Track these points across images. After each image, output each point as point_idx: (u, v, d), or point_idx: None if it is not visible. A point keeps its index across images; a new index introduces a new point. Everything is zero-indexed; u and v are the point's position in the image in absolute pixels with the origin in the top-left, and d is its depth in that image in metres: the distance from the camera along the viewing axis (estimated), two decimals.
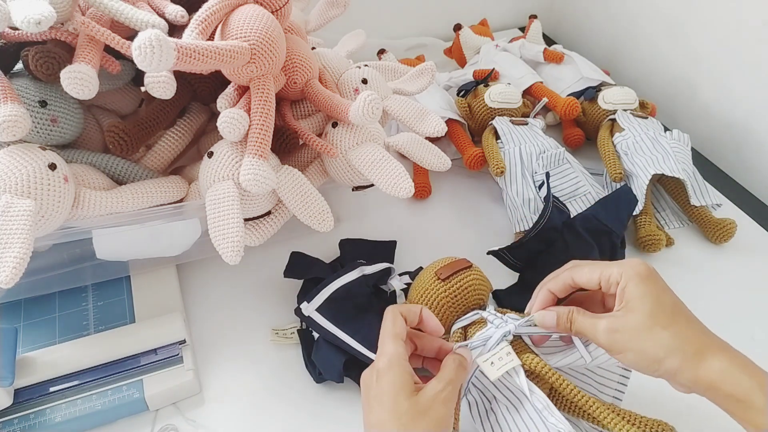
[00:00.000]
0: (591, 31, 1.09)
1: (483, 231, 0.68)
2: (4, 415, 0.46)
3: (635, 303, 0.38)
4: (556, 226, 0.60)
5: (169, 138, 0.58)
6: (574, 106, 0.78)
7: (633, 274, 0.39)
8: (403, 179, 0.51)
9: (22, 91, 0.48)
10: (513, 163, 0.69)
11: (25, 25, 0.41)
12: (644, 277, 0.39)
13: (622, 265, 0.40)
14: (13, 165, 0.43)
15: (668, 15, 0.92)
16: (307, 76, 0.56)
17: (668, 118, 0.93)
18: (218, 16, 0.49)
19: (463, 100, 0.80)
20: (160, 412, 0.50)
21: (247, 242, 0.53)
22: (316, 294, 0.53)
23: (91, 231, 0.49)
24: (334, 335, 0.51)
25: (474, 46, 0.97)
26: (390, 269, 0.58)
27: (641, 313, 0.38)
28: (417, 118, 0.60)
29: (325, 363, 0.51)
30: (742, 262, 0.68)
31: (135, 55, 0.38)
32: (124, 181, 0.53)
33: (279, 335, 0.56)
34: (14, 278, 0.39)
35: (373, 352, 0.51)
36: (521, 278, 0.63)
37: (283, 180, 0.52)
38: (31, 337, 0.53)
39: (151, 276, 0.59)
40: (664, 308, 0.38)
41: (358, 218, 0.70)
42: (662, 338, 0.37)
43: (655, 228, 0.67)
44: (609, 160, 0.70)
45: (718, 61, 0.85)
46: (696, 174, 0.69)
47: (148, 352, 0.51)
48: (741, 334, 0.59)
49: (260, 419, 0.50)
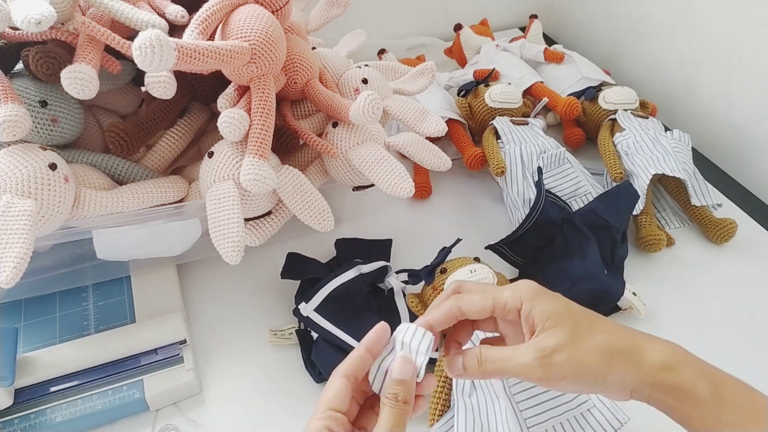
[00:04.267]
0: (591, 31, 1.09)
1: (483, 231, 0.68)
2: (5, 415, 0.46)
3: (553, 320, 0.34)
4: (555, 221, 0.60)
5: (170, 138, 0.58)
6: (575, 106, 0.78)
7: (532, 295, 0.35)
8: (404, 179, 0.51)
9: (23, 91, 0.48)
10: (513, 163, 0.69)
11: (25, 25, 0.41)
12: (543, 294, 0.36)
13: (514, 288, 0.36)
14: (14, 165, 0.43)
15: (668, 15, 0.92)
16: (308, 76, 0.56)
17: (669, 118, 0.92)
18: (218, 16, 0.49)
19: (463, 100, 0.81)
20: (161, 412, 0.50)
21: (248, 242, 0.53)
22: (314, 294, 0.53)
23: (91, 231, 0.49)
24: (334, 335, 0.51)
25: (474, 46, 0.97)
26: (387, 267, 0.58)
27: (566, 325, 0.34)
28: (417, 118, 0.60)
29: (325, 362, 0.51)
30: (742, 262, 0.68)
31: (135, 55, 0.38)
32: (124, 181, 0.53)
33: (277, 336, 0.56)
34: (15, 278, 0.39)
35: None
36: (521, 275, 0.63)
37: (284, 180, 0.52)
38: (32, 337, 0.53)
39: (152, 276, 0.59)
40: (581, 315, 0.35)
41: (358, 218, 0.70)
42: (597, 345, 0.33)
43: (656, 228, 0.67)
44: (609, 160, 0.70)
45: (719, 61, 0.85)
46: (696, 174, 0.69)
47: (148, 352, 0.51)
48: (741, 334, 0.59)
49: (260, 419, 0.50)
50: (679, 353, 0.34)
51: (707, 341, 0.48)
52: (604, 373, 0.33)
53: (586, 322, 0.35)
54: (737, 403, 0.33)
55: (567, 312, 0.35)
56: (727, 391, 0.33)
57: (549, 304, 0.35)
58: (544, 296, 0.36)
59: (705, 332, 0.59)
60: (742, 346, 0.58)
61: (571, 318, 0.34)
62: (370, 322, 0.53)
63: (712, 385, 0.33)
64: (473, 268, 0.53)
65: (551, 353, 0.33)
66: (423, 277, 0.55)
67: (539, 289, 0.36)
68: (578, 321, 0.35)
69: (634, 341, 0.34)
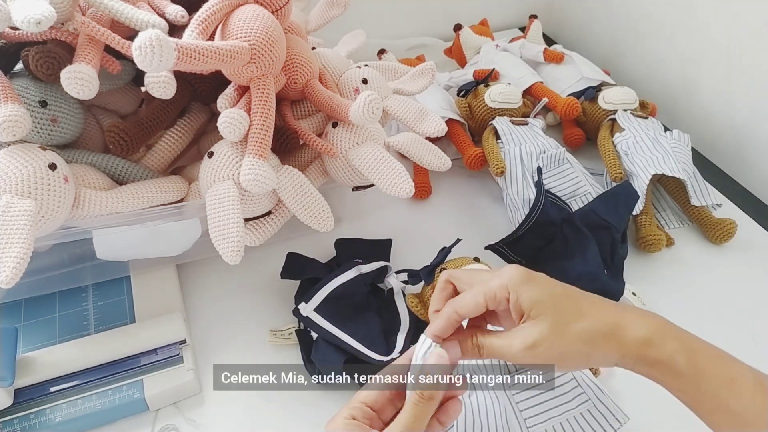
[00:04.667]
0: (591, 31, 1.09)
1: (483, 231, 0.68)
2: (5, 415, 0.46)
3: (537, 309, 0.35)
4: (555, 221, 0.60)
5: (169, 138, 0.58)
6: (575, 106, 0.78)
7: (518, 282, 0.36)
8: (404, 179, 0.51)
9: (23, 91, 0.48)
10: (513, 163, 0.69)
11: (25, 25, 0.41)
12: (528, 281, 0.36)
13: (500, 276, 0.37)
14: (14, 165, 0.43)
15: (668, 15, 0.92)
16: (308, 76, 0.56)
17: (668, 118, 0.92)
18: (218, 16, 0.49)
19: (463, 100, 0.81)
20: (161, 412, 0.50)
21: (248, 242, 0.53)
22: (313, 294, 0.53)
23: (91, 231, 0.49)
24: (333, 335, 0.51)
25: (474, 46, 0.97)
26: (387, 267, 0.58)
27: (548, 316, 0.35)
28: (417, 118, 0.60)
29: (324, 362, 0.51)
30: (742, 262, 0.68)
31: (135, 55, 0.38)
32: (124, 181, 0.53)
33: (277, 336, 0.56)
34: (14, 278, 0.39)
35: (372, 351, 0.51)
36: None
37: (284, 180, 0.52)
38: (32, 337, 0.53)
39: (151, 276, 0.59)
40: (564, 301, 0.36)
41: (358, 218, 0.70)
42: (579, 332, 0.35)
43: (656, 228, 0.67)
44: (609, 160, 0.70)
45: (719, 61, 0.85)
46: (696, 174, 0.69)
47: (148, 352, 0.51)
48: (741, 334, 0.59)
49: (260, 419, 0.50)
50: (661, 327, 0.36)
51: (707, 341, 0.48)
52: (586, 355, 0.35)
53: (570, 307, 0.36)
54: (715, 374, 0.34)
55: (551, 299, 0.36)
56: (705, 361, 0.34)
57: (533, 292, 0.36)
58: (529, 282, 0.37)
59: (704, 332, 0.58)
60: (742, 346, 0.58)
61: (554, 306, 0.36)
62: (370, 322, 0.54)
63: (690, 357, 0.34)
64: (473, 267, 0.53)
65: (534, 344, 0.35)
66: (423, 277, 0.55)
67: (524, 274, 0.37)
68: (561, 308, 0.36)
69: (617, 320, 0.36)
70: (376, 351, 0.51)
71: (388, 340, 0.53)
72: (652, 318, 0.36)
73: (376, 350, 0.51)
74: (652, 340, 0.35)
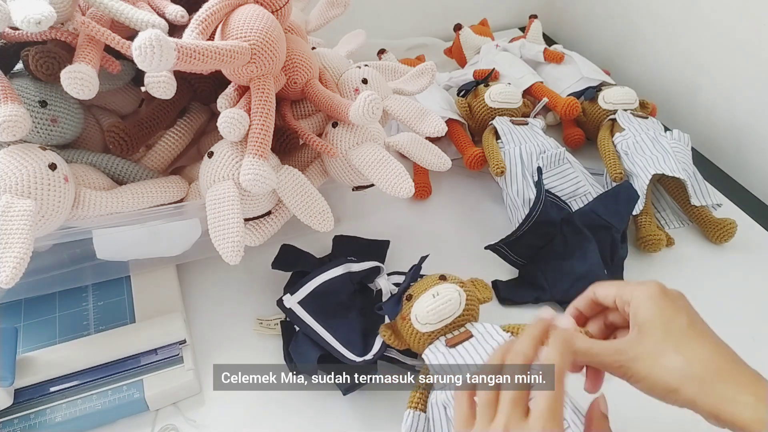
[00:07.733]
0: (591, 31, 1.09)
1: (483, 231, 0.68)
2: (5, 415, 0.46)
3: (647, 327, 0.36)
4: (555, 222, 0.60)
5: (169, 138, 0.58)
6: (575, 106, 0.78)
7: (645, 297, 0.37)
8: (404, 179, 0.51)
9: (22, 91, 0.48)
10: (513, 163, 0.69)
11: (25, 24, 0.41)
12: (656, 299, 0.36)
13: (638, 286, 0.38)
14: (14, 165, 0.43)
15: (668, 15, 0.92)
16: (308, 76, 0.56)
17: (668, 118, 0.92)
18: (218, 16, 0.49)
19: (463, 100, 0.80)
20: (161, 412, 0.50)
21: (248, 242, 0.53)
22: (300, 287, 0.53)
23: (91, 231, 0.49)
24: (313, 330, 0.51)
25: (474, 46, 0.97)
26: (379, 268, 0.58)
27: (653, 337, 0.35)
28: (417, 118, 0.60)
29: (300, 356, 0.51)
30: (742, 262, 0.68)
31: (135, 55, 0.38)
32: (124, 181, 0.53)
33: (263, 325, 0.56)
34: (14, 278, 0.39)
35: (349, 351, 0.50)
36: (521, 275, 0.63)
37: (284, 180, 0.52)
38: (32, 337, 0.53)
39: (151, 276, 0.59)
40: (678, 331, 0.35)
41: (358, 218, 0.70)
42: (675, 364, 0.34)
43: (656, 228, 0.67)
44: (609, 160, 0.70)
45: (719, 61, 0.85)
46: (696, 174, 0.69)
47: (148, 352, 0.51)
48: (741, 335, 0.59)
49: (260, 419, 0.50)
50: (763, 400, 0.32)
51: None
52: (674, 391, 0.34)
53: (679, 337, 0.35)
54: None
55: (663, 323, 0.36)
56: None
57: (652, 310, 0.36)
58: (655, 301, 0.37)
59: None
60: (742, 346, 0.58)
61: (664, 331, 0.35)
62: (352, 321, 0.53)
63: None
64: (436, 291, 0.48)
65: (628, 361, 0.35)
66: (387, 312, 0.50)
67: (657, 291, 0.37)
68: (669, 335, 0.35)
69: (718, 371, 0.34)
70: (353, 351, 0.50)
71: (366, 341, 0.51)
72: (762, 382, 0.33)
73: (352, 350, 0.50)
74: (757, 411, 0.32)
